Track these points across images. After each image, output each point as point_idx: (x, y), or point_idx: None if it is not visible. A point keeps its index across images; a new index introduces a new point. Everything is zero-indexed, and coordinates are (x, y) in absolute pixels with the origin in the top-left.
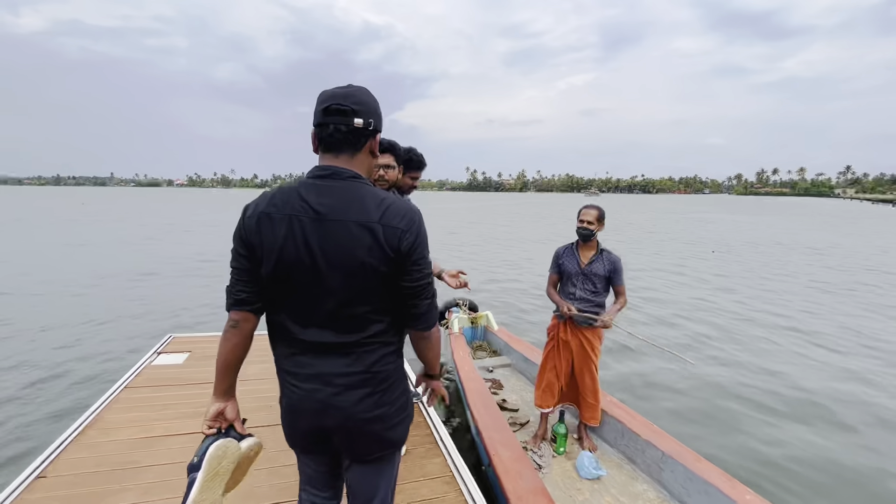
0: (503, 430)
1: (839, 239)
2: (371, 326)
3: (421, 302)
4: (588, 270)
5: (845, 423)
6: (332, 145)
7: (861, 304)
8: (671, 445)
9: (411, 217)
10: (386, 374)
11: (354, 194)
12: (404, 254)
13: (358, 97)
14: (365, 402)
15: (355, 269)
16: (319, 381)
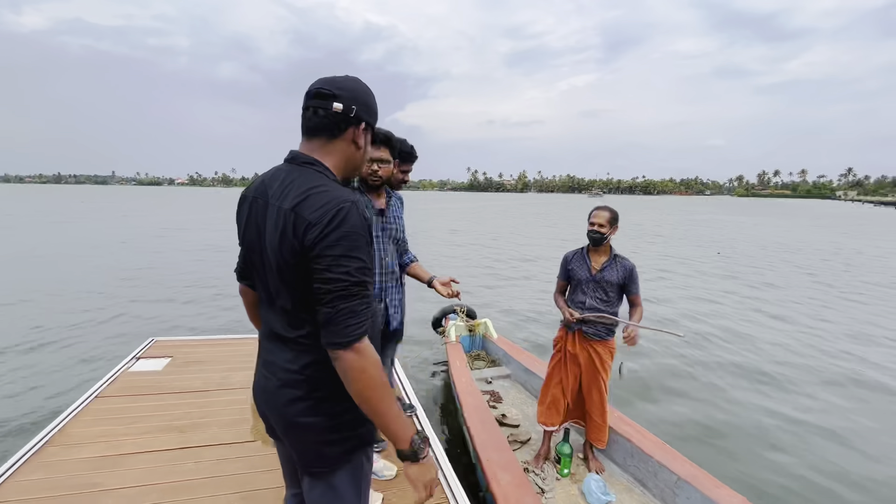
0: (503, 451)
1: (853, 243)
2: (304, 325)
3: (322, 308)
4: (600, 277)
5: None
6: (308, 129)
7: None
8: (687, 468)
9: (327, 210)
10: (321, 381)
11: (294, 179)
12: (307, 248)
13: (343, 83)
14: (297, 405)
15: (277, 258)
16: (268, 369)
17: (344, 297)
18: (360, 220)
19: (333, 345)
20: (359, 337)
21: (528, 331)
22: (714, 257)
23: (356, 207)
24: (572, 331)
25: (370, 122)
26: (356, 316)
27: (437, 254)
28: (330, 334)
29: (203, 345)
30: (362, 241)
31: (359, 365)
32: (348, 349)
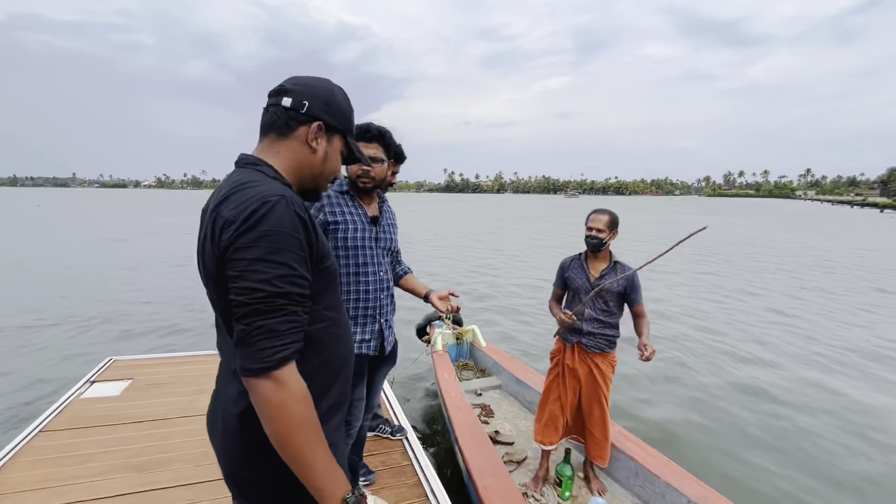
0: (500, 476)
1: (823, 242)
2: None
3: (235, 326)
4: (599, 285)
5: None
6: (261, 127)
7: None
8: (696, 489)
9: (246, 206)
10: (259, 432)
11: (230, 180)
12: (222, 250)
13: (301, 79)
14: (236, 457)
15: (203, 270)
16: (216, 402)
17: (259, 312)
18: (291, 218)
19: (245, 371)
20: (278, 363)
21: (519, 338)
22: (687, 256)
23: (286, 202)
24: (570, 343)
25: (331, 124)
26: (276, 337)
27: (420, 258)
28: (242, 358)
29: (169, 363)
30: (291, 244)
31: (277, 399)
32: (263, 377)
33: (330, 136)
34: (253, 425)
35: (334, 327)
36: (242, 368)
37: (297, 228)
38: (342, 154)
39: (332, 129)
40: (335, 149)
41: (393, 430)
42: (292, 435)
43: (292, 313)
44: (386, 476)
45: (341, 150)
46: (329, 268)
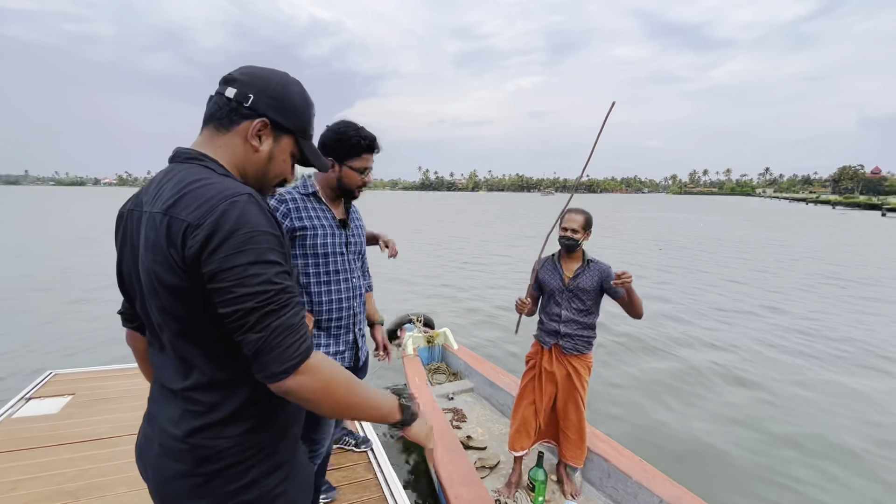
0: (472, 484)
1: (786, 236)
2: (191, 373)
3: (247, 337)
4: (574, 286)
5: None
6: (205, 116)
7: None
8: (668, 489)
9: (212, 207)
10: (211, 452)
11: (173, 177)
12: (191, 261)
13: (253, 69)
14: (178, 484)
15: (150, 280)
16: (150, 426)
17: (273, 312)
18: (264, 216)
19: (275, 376)
20: (305, 354)
21: (492, 339)
22: (657, 252)
23: (255, 200)
24: (548, 346)
25: (279, 122)
26: (295, 330)
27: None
28: (269, 364)
29: (116, 376)
30: (273, 242)
31: (319, 384)
32: (296, 374)
33: (277, 136)
34: (199, 447)
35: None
36: (271, 375)
37: (273, 225)
38: (294, 156)
39: (280, 128)
40: (283, 150)
41: (357, 441)
42: (347, 399)
43: (297, 305)
44: (348, 491)
45: (292, 152)
46: (293, 269)
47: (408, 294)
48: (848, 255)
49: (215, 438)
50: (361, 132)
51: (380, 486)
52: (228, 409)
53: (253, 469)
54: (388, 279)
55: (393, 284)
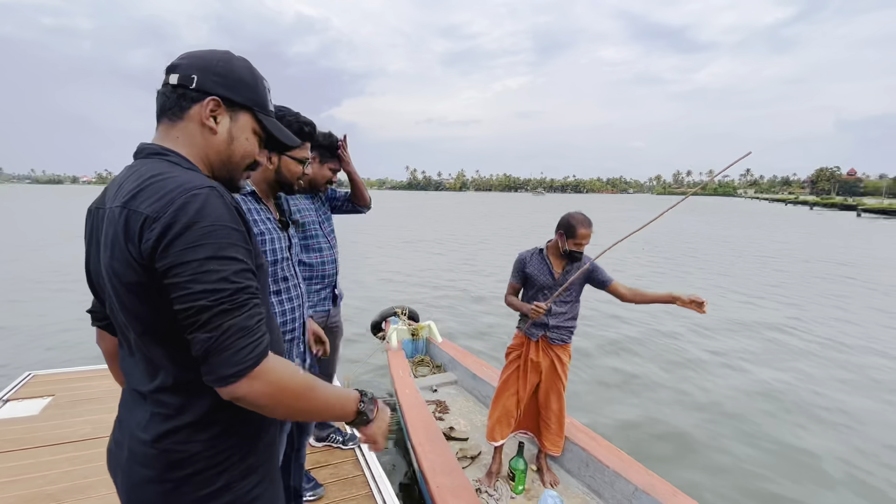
0: (453, 473)
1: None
2: (157, 374)
3: (197, 336)
4: (564, 281)
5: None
6: (157, 112)
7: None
8: (644, 477)
9: (172, 199)
10: (180, 457)
11: (134, 172)
12: (148, 255)
13: (190, 53)
14: (146, 490)
15: (110, 277)
16: (120, 431)
17: (227, 311)
18: (227, 210)
19: (223, 380)
20: (258, 358)
21: (478, 333)
22: (640, 251)
23: (217, 193)
24: (535, 338)
25: (230, 98)
26: (250, 333)
27: (376, 256)
28: (218, 367)
29: (98, 376)
30: (235, 237)
31: (271, 389)
32: (247, 377)
33: (233, 113)
34: (169, 452)
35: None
36: (220, 378)
37: (236, 220)
38: (257, 134)
39: (234, 104)
40: (242, 127)
41: (345, 438)
42: (302, 403)
43: (256, 306)
44: (335, 489)
45: (254, 130)
46: (263, 266)
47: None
48: (822, 251)
49: (185, 442)
50: (300, 117)
51: (367, 483)
52: (198, 411)
53: (225, 473)
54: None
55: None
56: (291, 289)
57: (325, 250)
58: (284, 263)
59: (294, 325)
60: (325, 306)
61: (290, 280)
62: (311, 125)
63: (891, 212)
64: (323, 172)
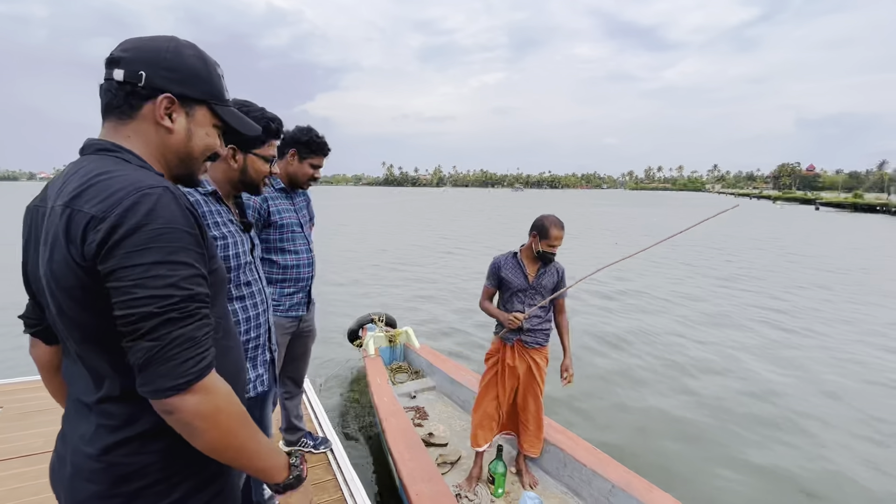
0: (433, 480)
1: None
2: (102, 384)
3: (138, 344)
4: (538, 284)
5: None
6: (102, 109)
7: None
8: (620, 475)
9: (119, 199)
10: (130, 470)
11: (80, 169)
12: (91, 258)
13: (130, 42)
14: (86, 490)
15: (51, 280)
16: (63, 445)
17: (175, 320)
18: (181, 212)
19: (163, 392)
20: (202, 372)
21: (454, 338)
22: (614, 246)
23: (171, 195)
24: (511, 342)
25: (184, 94)
26: (196, 345)
27: (350, 259)
28: (157, 377)
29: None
30: (188, 241)
31: (210, 408)
32: (188, 392)
33: (189, 109)
34: (116, 465)
35: (225, 338)
36: (157, 391)
37: (190, 224)
38: (217, 127)
39: (189, 100)
40: (201, 123)
41: (316, 443)
42: (234, 435)
43: (205, 317)
44: None
45: (214, 124)
46: (218, 271)
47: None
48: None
49: (135, 454)
50: (266, 113)
51: (339, 487)
52: (148, 421)
53: (179, 486)
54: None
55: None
56: (255, 294)
57: (303, 252)
58: (247, 267)
59: (259, 331)
60: (299, 311)
61: (253, 285)
62: (277, 121)
63: (846, 205)
64: (303, 170)
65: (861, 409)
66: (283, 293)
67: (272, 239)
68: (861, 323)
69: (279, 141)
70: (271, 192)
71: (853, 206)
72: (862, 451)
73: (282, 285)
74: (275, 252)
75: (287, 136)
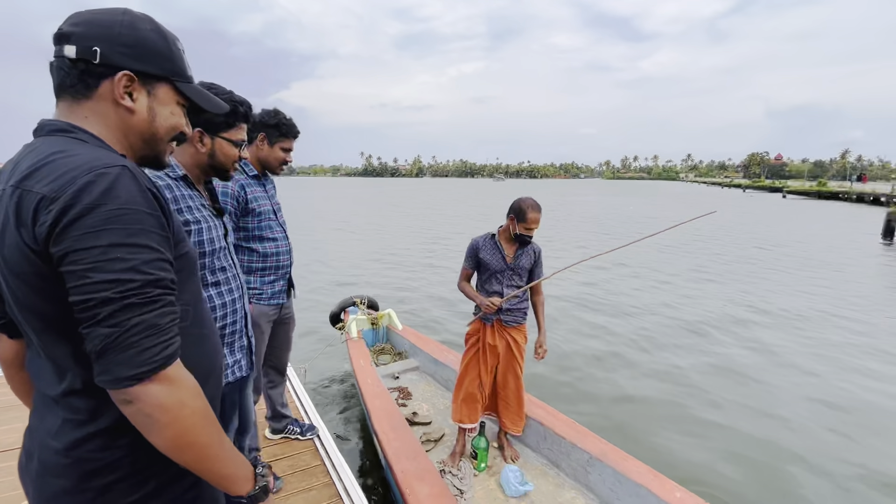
0: (417, 458)
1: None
2: (65, 376)
3: (91, 331)
4: (516, 265)
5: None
6: (54, 88)
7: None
8: (597, 445)
9: (72, 178)
10: (98, 465)
11: (33, 150)
12: (43, 239)
13: (79, 16)
14: (62, 502)
15: (3, 268)
16: (30, 440)
17: (134, 306)
18: (140, 192)
19: (122, 381)
20: (166, 360)
21: (436, 319)
22: (591, 234)
23: (130, 174)
24: (490, 322)
25: (144, 70)
26: (160, 332)
27: (331, 244)
28: (115, 366)
29: None
30: (150, 223)
31: (173, 400)
32: (149, 381)
33: (150, 87)
34: (85, 460)
35: (197, 326)
36: (115, 379)
37: (152, 205)
38: (181, 105)
39: (149, 77)
40: (164, 101)
41: (303, 429)
42: (197, 433)
43: (170, 304)
44: (294, 480)
45: (177, 101)
46: (188, 255)
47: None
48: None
49: (102, 450)
50: (234, 96)
51: (327, 472)
52: (114, 415)
53: (153, 478)
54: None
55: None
56: (231, 279)
57: (281, 239)
58: (221, 253)
59: (235, 317)
60: (280, 300)
61: (228, 270)
62: (245, 104)
63: (811, 193)
64: (275, 154)
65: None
66: (265, 282)
67: (251, 227)
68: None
69: (248, 125)
70: (246, 180)
71: (818, 193)
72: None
73: (262, 273)
74: (254, 240)
75: (254, 120)
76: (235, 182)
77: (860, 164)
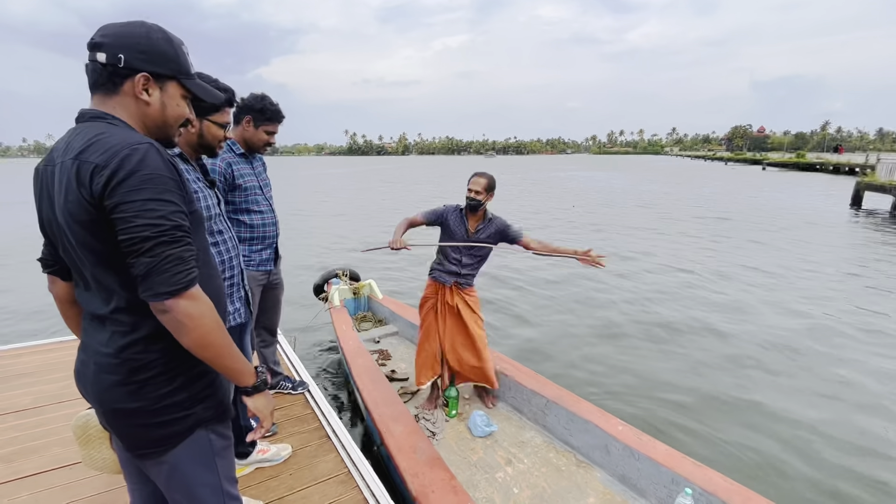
0: (394, 404)
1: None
2: (112, 298)
3: (140, 259)
4: (475, 238)
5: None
6: (90, 85)
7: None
8: (554, 391)
9: (116, 151)
10: (140, 364)
11: (80, 133)
12: (98, 196)
13: (110, 28)
14: (115, 392)
15: (66, 219)
16: (85, 352)
17: (166, 242)
18: (164, 163)
19: (160, 295)
20: (189, 283)
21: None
22: (570, 210)
23: (155, 149)
24: (448, 284)
25: (157, 72)
26: (184, 262)
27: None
28: (154, 284)
29: (31, 352)
30: (171, 185)
31: (196, 311)
32: (179, 296)
33: (162, 84)
34: (130, 360)
35: (206, 267)
36: (156, 294)
37: (172, 172)
38: (185, 98)
39: (161, 76)
40: (172, 95)
41: (294, 384)
42: (215, 335)
43: (189, 243)
44: (288, 426)
45: (183, 95)
46: (197, 212)
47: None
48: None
49: (143, 352)
50: (219, 84)
51: (317, 418)
52: (149, 327)
53: (179, 377)
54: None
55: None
56: (227, 240)
57: (267, 212)
58: (217, 218)
59: (233, 271)
60: (268, 266)
61: (224, 233)
62: (230, 91)
63: (790, 164)
64: (259, 136)
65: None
66: (253, 250)
67: (238, 201)
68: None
69: (233, 109)
70: (234, 158)
71: (796, 164)
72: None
73: (251, 243)
74: (242, 213)
75: (243, 102)
76: (223, 160)
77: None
